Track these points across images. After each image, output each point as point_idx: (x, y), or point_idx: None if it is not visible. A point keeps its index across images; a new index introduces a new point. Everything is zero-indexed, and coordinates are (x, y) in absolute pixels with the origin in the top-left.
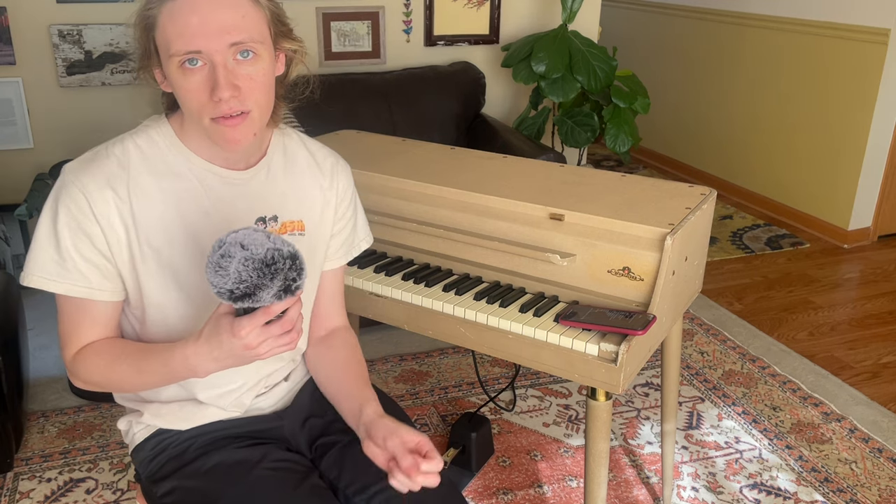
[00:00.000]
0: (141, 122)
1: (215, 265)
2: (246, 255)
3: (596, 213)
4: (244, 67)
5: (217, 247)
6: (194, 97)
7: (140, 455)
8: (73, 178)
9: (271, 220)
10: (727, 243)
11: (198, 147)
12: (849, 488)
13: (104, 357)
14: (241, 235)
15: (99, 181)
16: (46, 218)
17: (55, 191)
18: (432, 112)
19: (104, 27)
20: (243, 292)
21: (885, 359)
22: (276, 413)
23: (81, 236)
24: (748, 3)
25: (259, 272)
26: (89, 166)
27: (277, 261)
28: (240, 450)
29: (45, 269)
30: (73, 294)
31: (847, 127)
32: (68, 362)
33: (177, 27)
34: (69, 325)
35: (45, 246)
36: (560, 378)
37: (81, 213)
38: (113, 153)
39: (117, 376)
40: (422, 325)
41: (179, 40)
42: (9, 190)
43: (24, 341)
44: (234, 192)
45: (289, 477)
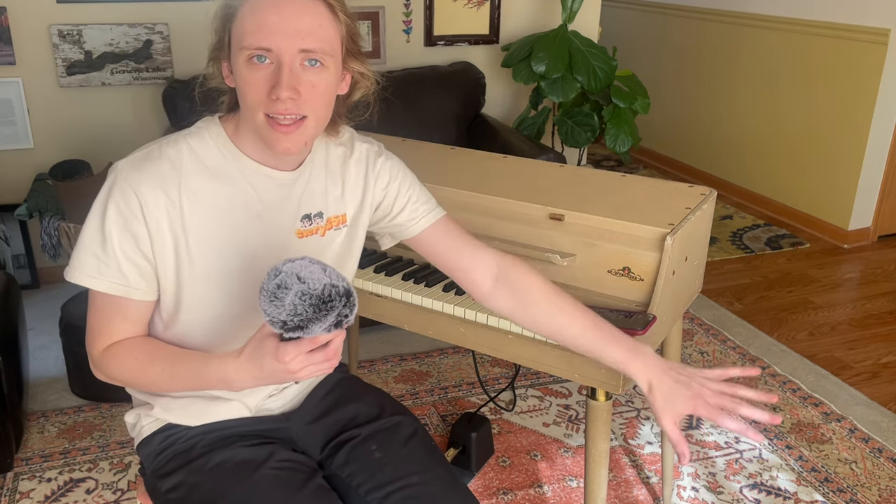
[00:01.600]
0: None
1: (271, 294)
2: (303, 288)
3: (596, 213)
4: (309, 74)
5: (273, 275)
6: (254, 91)
7: (146, 449)
8: (125, 177)
9: (316, 216)
10: (727, 243)
11: (250, 149)
12: (849, 488)
13: (138, 357)
14: (298, 266)
15: (152, 182)
16: (95, 214)
17: (108, 187)
18: (432, 112)
19: (104, 27)
20: (296, 325)
21: (885, 359)
22: (284, 414)
23: (127, 235)
24: (748, 3)
25: (315, 308)
26: (142, 166)
27: (334, 298)
28: (246, 448)
29: (86, 266)
30: (111, 291)
31: (847, 127)
32: (95, 357)
33: (256, 21)
34: (100, 319)
35: (89, 242)
36: (560, 378)
37: (130, 213)
38: (166, 154)
39: (148, 378)
40: (422, 325)
41: (254, 35)
42: (9, 190)
43: (24, 341)
44: (283, 192)
45: (293, 477)
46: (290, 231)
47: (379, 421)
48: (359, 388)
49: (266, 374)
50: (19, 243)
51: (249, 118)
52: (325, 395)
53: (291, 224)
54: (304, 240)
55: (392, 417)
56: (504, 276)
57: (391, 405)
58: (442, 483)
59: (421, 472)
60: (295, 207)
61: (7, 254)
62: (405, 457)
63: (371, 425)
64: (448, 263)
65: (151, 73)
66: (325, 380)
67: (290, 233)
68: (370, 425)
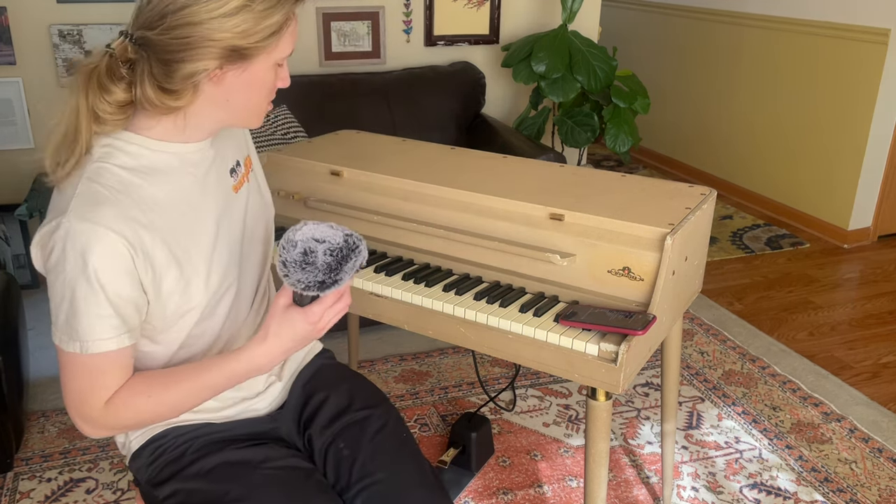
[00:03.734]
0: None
1: (299, 263)
2: (328, 246)
3: (596, 213)
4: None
5: (290, 247)
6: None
7: (137, 462)
8: (92, 226)
9: (237, 166)
10: (727, 243)
11: (167, 135)
12: (849, 488)
13: (150, 393)
14: (309, 231)
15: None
16: (78, 279)
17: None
18: (432, 112)
19: (104, 27)
20: (333, 280)
21: (885, 359)
22: (270, 415)
23: (120, 280)
24: (748, 3)
25: (345, 258)
26: (99, 209)
27: (358, 244)
28: (240, 450)
29: (93, 331)
30: (123, 345)
31: (847, 127)
32: (96, 416)
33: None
34: (90, 379)
35: (86, 308)
36: (560, 378)
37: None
38: (105, 185)
39: (168, 406)
40: (422, 325)
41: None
42: (9, 190)
43: (24, 341)
44: (209, 156)
45: (293, 476)
46: (227, 189)
47: (347, 415)
48: (335, 377)
49: (298, 341)
50: (19, 243)
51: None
52: (305, 384)
53: (227, 182)
54: (240, 192)
55: (360, 412)
56: None
57: (362, 397)
58: (408, 478)
59: (386, 467)
60: (220, 166)
61: (7, 254)
62: (372, 453)
63: (339, 421)
64: None
65: None
66: (306, 368)
67: (229, 191)
68: (338, 421)
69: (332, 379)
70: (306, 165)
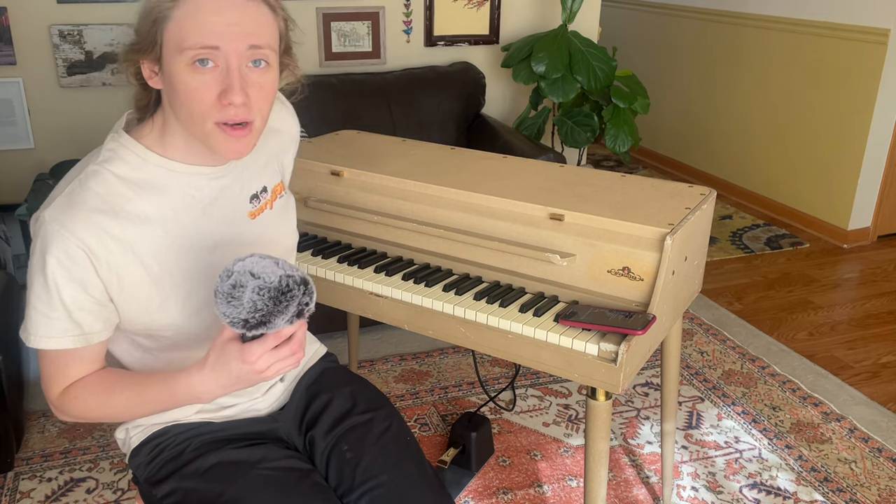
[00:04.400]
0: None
1: (226, 295)
2: (259, 283)
3: (596, 213)
4: (255, 76)
5: (226, 276)
6: (200, 98)
7: (137, 460)
8: (58, 227)
9: (262, 192)
10: (727, 243)
11: (176, 152)
12: (848, 488)
13: (99, 394)
14: (249, 263)
15: (90, 227)
16: (37, 272)
17: (41, 241)
18: (432, 112)
19: (104, 27)
20: (258, 321)
21: (884, 359)
22: (271, 415)
23: (73, 285)
24: (748, 3)
25: (274, 300)
26: (73, 212)
27: (292, 287)
28: (238, 450)
29: (43, 328)
30: (71, 346)
31: (847, 127)
32: (54, 400)
33: (197, 22)
34: (54, 368)
35: (39, 304)
36: (560, 378)
37: (74, 264)
38: (92, 189)
39: (114, 409)
40: (422, 325)
41: (197, 34)
42: (9, 190)
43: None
44: (224, 182)
45: (290, 476)
46: (241, 216)
47: (350, 418)
48: (338, 380)
49: (234, 380)
50: (19, 243)
51: (191, 127)
52: (308, 387)
53: (242, 208)
54: (258, 219)
55: (363, 415)
56: None
57: (365, 399)
58: (412, 480)
59: (390, 470)
60: (238, 192)
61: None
62: (375, 455)
63: (342, 424)
64: None
65: None
66: (310, 371)
67: (243, 217)
68: (341, 424)
69: (335, 382)
70: (306, 165)
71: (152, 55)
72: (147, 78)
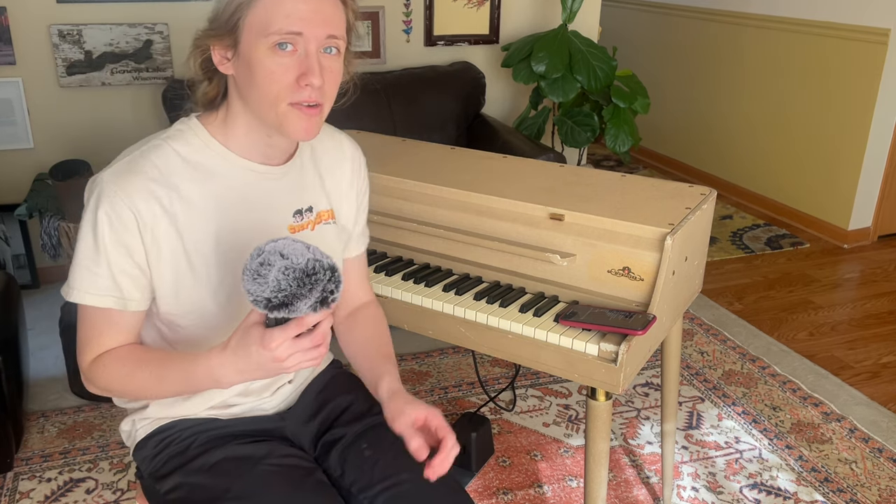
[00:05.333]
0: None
1: (253, 273)
2: (286, 263)
3: (596, 213)
4: (327, 61)
5: (255, 255)
6: (278, 79)
7: (142, 453)
8: (115, 189)
9: (307, 211)
10: (727, 243)
11: (236, 144)
12: (849, 488)
13: (125, 365)
14: (281, 245)
15: (143, 192)
16: (87, 229)
17: (95, 200)
18: (432, 112)
19: (104, 27)
20: (281, 301)
21: (885, 359)
22: (279, 414)
23: (120, 248)
24: (748, 3)
25: (299, 282)
26: (130, 177)
27: (318, 271)
28: (243, 446)
29: (86, 283)
30: (106, 305)
31: (847, 127)
32: (85, 368)
33: (285, 8)
34: (91, 331)
35: (85, 259)
36: (560, 378)
37: (123, 225)
38: (151, 160)
39: (136, 384)
40: (422, 325)
41: (284, 20)
42: (9, 190)
43: (24, 341)
44: (273, 186)
45: (294, 473)
46: (282, 227)
47: (369, 417)
48: (351, 384)
49: (253, 366)
50: (19, 243)
51: (264, 109)
52: (319, 392)
53: (283, 220)
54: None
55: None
56: (358, 309)
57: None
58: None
59: (411, 469)
60: (286, 203)
61: (7, 254)
62: (396, 454)
63: (361, 422)
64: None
65: (151, 73)
66: (319, 377)
67: (283, 228)
68: (360, 422)
69: (348, 385)
70: None
71: (229, 40)
72: (217, 63)
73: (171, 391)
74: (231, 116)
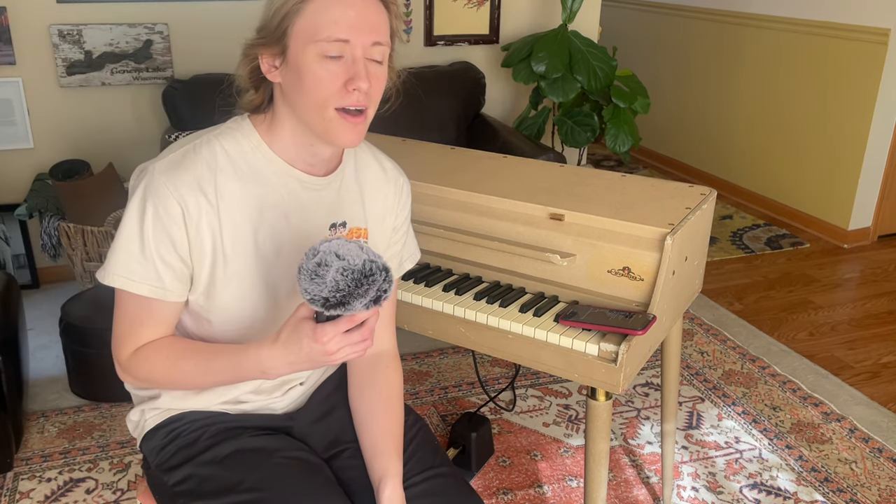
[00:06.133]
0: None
1: (311, 273)
2: (343, 264)
3: (596, 213)
4: (372, 67)
5: (312, 255)
6: (326, 85)
7: (150, 444)
8: (165, 181)
9: (340, 225)
10: (727, 243)
11: (282, 150)
12: (849, 488)
13: (168, 356)
14: (335, 245)
15: (192, 186)
16: (133, 215)
17: (143, 189)
18: (432, 112)
19: (104, 27)
20: (339, 301)
21: (885, 359)
22: (288, 414)
23: (165, 239)
24: (748, 3)
25: (356, 282)
26: (181, 169)
27: (374, 272)
28: (255, 438)
29: (126, 269)
30: (148, 294)
31: (847, 127)
32: (123, 360)
33: (332, 15)
34: (131, 323)
35: (127, 244)
36: (560, 378)
37: (170, 217)
38: (202, 156)
39: (181, 375)
40: (422, 325)
41: (333, 27)
42: (9, 190)
43: (24, 341)
44: (312, 197)
45: (306, 467)
46: (318, 237)
47: None
48: None
49: (303, 358)
50: (19, 243)
51: (311, 115)
52: (329, 395)
53: (319, 231)
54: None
55: None
56: (378, 360)
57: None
58: (445, 481)
59: (424, 470)
60: (324, 214)
61: (7, 254)
62: (409, 456)
63: None
64: None
65: (151, 73)
66: (329, 379)
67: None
68: None
69: None
70: None
71: (277, 48)
72: (266, 72)
73: (216, 382)
74: (277, 122)
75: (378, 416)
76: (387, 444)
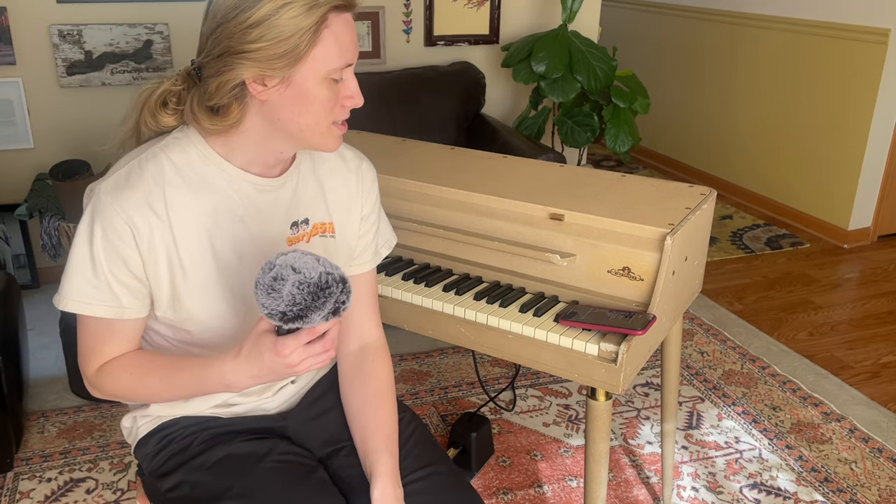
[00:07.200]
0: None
1: (267, 287)
2: (299, 278)
3: (596, 213)
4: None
5: (268, 269)
6: (328, 104)
7: (143, 450)
8: (111, 201)
9: (303, 223)
10: (727, 243)
11: (237, 158)
12: (849, 488)
13: (133, 372)
14: (291, 258)
15: (139, 205)
16: (82, 239)
17: (91, 212)
18: (432, 112)
19: (104, 27)
20: (296, 314)
21: (884, 359)
22: (280, 414)
23: (117, 259)
24: (748, 3)
25: (313, 295)
26: (126, 189)
27: (331, 284)
28: (246, 443)
29: (80, 293)
30: (104, 315)
31: (847, 127)
32: (90, 377)
33: (340, 45)
34: (92, 341)
35: (79, 269)
36: (560, 378)
37: (119, 238)
38: (148, 172)
39: (146, 390)
40: (422, 325)
41: (342, 56)
42: (9, 190)
43: (24, 341)
44: (268, 198)
45: (296, 470)
46: (279, 238)
47: None
48: None
49: (265, 371)
50: (19, 243)
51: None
52: (322, 395)
53: (281, 231)
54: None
55: None
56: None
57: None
58: (444, 479)
59: (423, 468)
60: (283, 214)
61: (7, 254)
62: (406, 454)
63: None
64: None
65: (151, 73)
66: (322, 379)
67: (280, 240)
68: None
69: None
70: None
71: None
72: (255, 92)
73: (181, 395)
74: (241, 133)
75: (368, 411)
76: (376, 441)
